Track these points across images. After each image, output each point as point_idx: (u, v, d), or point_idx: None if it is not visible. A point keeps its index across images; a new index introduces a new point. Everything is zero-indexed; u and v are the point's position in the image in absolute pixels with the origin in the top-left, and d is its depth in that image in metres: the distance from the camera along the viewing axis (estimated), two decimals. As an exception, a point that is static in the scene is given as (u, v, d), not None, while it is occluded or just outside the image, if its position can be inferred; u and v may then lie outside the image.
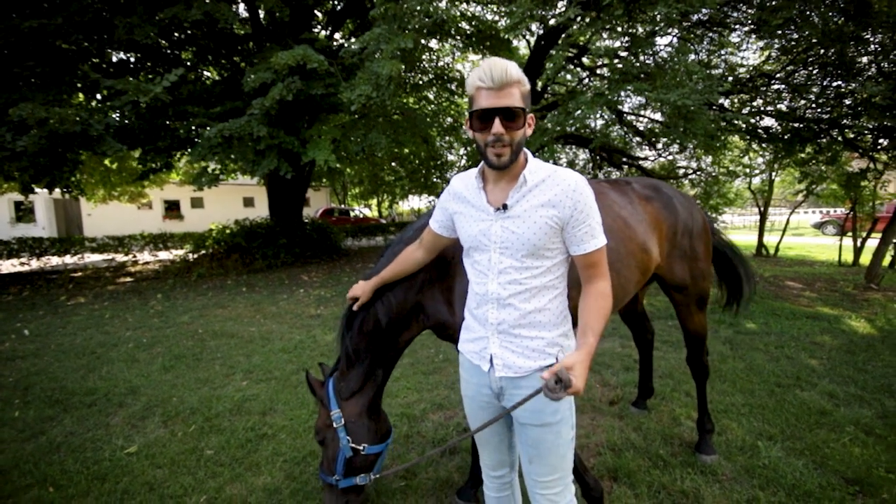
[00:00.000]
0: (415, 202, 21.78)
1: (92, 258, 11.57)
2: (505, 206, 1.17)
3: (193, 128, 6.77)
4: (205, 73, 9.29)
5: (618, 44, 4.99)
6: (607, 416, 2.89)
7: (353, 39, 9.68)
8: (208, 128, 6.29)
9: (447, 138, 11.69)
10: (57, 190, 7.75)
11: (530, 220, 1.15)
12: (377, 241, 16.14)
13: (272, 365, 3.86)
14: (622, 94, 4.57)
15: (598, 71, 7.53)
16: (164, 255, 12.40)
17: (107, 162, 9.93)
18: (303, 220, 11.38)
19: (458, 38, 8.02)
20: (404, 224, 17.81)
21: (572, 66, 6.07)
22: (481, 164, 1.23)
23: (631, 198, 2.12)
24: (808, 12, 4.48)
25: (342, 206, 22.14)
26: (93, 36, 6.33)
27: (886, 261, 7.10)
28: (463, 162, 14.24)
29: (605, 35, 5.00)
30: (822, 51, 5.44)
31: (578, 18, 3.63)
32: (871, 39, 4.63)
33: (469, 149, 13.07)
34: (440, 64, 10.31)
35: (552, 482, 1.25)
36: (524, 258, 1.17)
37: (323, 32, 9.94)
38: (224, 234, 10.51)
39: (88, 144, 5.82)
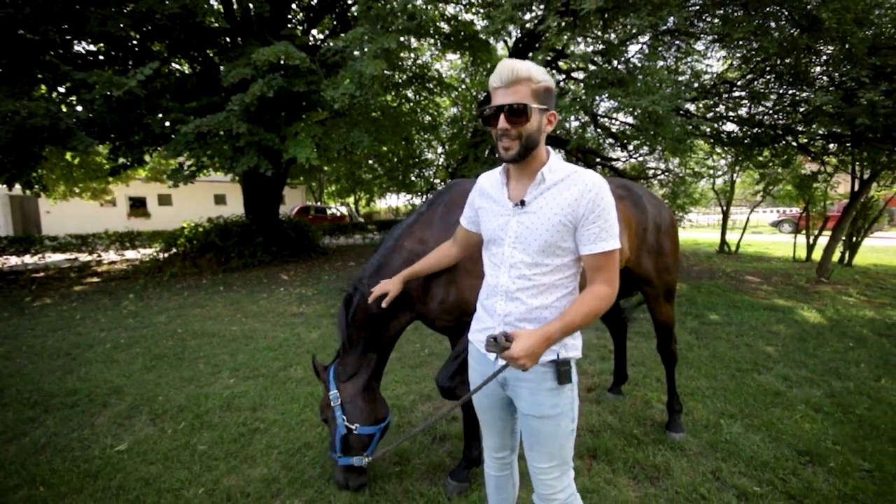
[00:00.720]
0: (392, 200, 21.69)
1: (54, 258, 11.02)
2: (523, 202, 1.21)
3: (168, 123, 6.58)
4: (177, 66, 9.01)
5: (591, 49, 5.22)
6: (585, 402, 3.08)
7: (331, 36, 9.63)
8: (185, 123, 6.14)
9: (426, 136, 11.75)
10: (17, 186, 7.38)
11: (545, 216, 1.18)
12: (355, 239, 16.05)
13: (258, 363, 3.87)
14: (597, 98, 4.79)
15: (574, 74, 7.79)
16: (131, 254, 11.94)
17: (68, 156, 9.49)
18: (280, 219, 11.22)
19: (437, 37, 8.11)
20: (385, 223, 17.74)
21: (549, 70, 6.29)
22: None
23: None
24: (766, 24, 4.83)
25: (318, 203, 21.83)
26: (62, 26, 6.06)
27: (836, 256, 7.67)
28: (441, 161, 14.37)
29: (580, 41, 5.23)
30: (779, 61, 5.86)
31: (556, 25, 3.80)
32: (823, 51, 5.04)
33: (447, 147, 13.21)
34: (419, 62, 10.38)
35: (549, 469, 1.30)
36: (536, 254, 1.20)
37: (299, 28, 9.84)
38: (197, 233, 10.23)
39: (57, 139, 5.58)
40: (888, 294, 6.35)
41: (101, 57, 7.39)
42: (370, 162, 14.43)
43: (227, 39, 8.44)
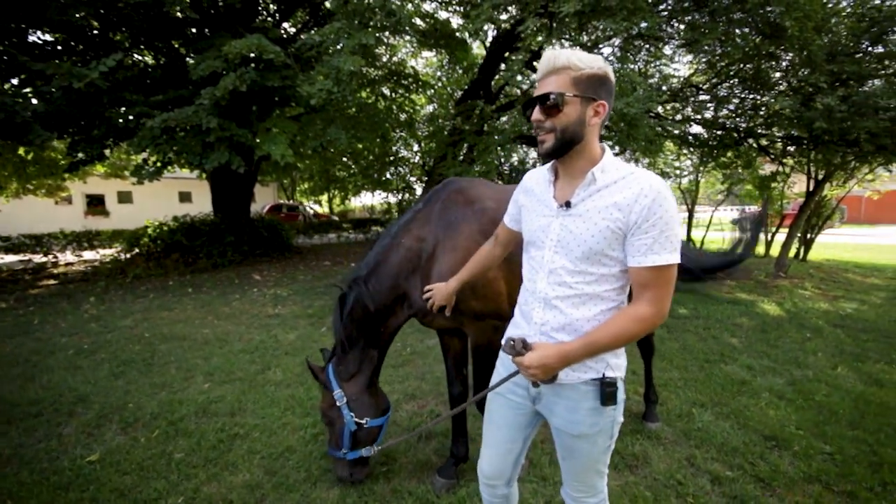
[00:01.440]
0: (367, 199, 21.43)
1: (6, 259, 10.30)
2: (569, 204, 1.10)
3: (132, 116, 6.25)
4: (140, 58, 8.57)
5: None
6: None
7: (304, 31, 9.40)
8: (150, 117, 5.85)
9: (402, 134, 11.68)
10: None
11: (591, 221, 1.07)
12: (330, 238, 15.77)
13: (234, 366, 3.75)
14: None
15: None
16: (89, 255, 11.30)
17: (21, 152, 8.88)
18: (251, 217, 10.89)
19: (414, 35, 8.07)
20: (361, 222, 17.50)
21: (525, 70, 6.36)
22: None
23: None
24: (731, 31, 5.07)
25: (290, 201, 21.32)
26: (17, 14, 5.64)
27: (792, 252, 8.15)
28: (417, 159, 14.31)
29: (556, 44, 5.31)
30: (742, 66, 6.16)
31: (535, 26, 3.86)
32: (783, 57, 5.34)
33: (423, 146, 13.17)
34: (395, 59, 10.29)
35: (580, 482, 1.25)
36: (579, 261, 1.09)
37: (270, 21, 9.55)
38: (162, 232, 9.79)
39: (12, 133, 5.20)
40: (840, 287, 6.80)
41: (59, 47, 6.94)
42: (344, 159, 14.22)
43: (195, 31, 8.10)
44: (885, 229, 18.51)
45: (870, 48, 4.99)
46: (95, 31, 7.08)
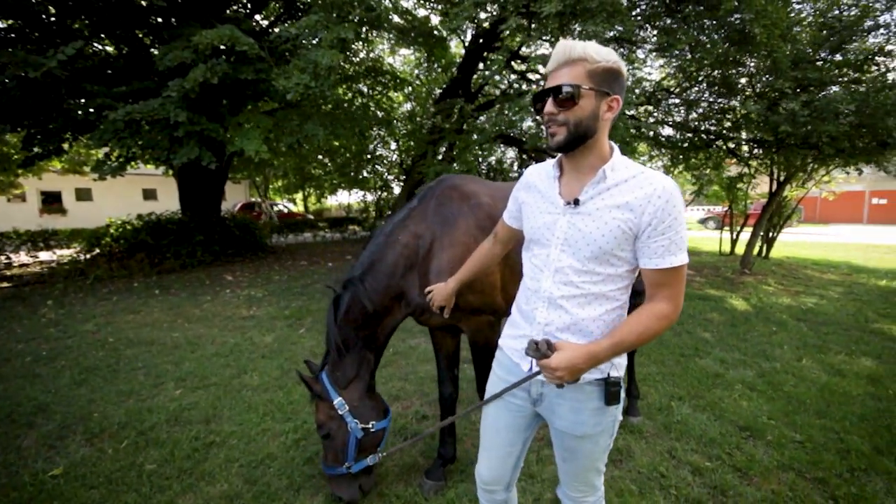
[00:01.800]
0: (343, 197, 21.08)
1: (-50, 261, 9.54)
2: (577, 201, 1.07)
3: (93, 109, 5.88)
4: (101, 47, 8.09)
5: (548, 52, 5.41)
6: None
7: (277, 23, 9.13)
8: (113, 109, 5.53)
9: (380, 132, 11.53)
10: None
11: (601, 220, 1.04)
12: (305, 237, 15.43)
13: (207, 371, 3.59)
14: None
15: (528, 76, 8.02)
16: (45, 255, 10.62)
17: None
18: (222, 216, 10.51)
19: (392, 31, 7.97)
20: (337, 221, 17.20)
21: (505, 70, 6.39)
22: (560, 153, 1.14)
23: None
24: (701, 38, 5.25)
25: (263, 200, 20.71)
26: None
27: (756, 250, 8.53)
28: (395, 157, 14.19)
29: (534, 46, 5.36)
30: (711, 72, 6.40)
31: (516, 25, 3.88)
32: (749, 64, 5.58)
33: (401, 144, 13.07)
34: (372, 56, 10.15)
35: (581, 482, 1.25)
36: (587, 261, 1.07)
37: (242, 12, 9.23)
38: (125, 231, 9.31)
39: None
40: (801, 283, 7.17)
41: (13, 35, 6.45)
42: (320, 157, 13.94)
43: (160, 20, 7.73)
44: (837, 228, 19.70)
45: (830, 56, 5.29)
46: (53, 18, 6.64)
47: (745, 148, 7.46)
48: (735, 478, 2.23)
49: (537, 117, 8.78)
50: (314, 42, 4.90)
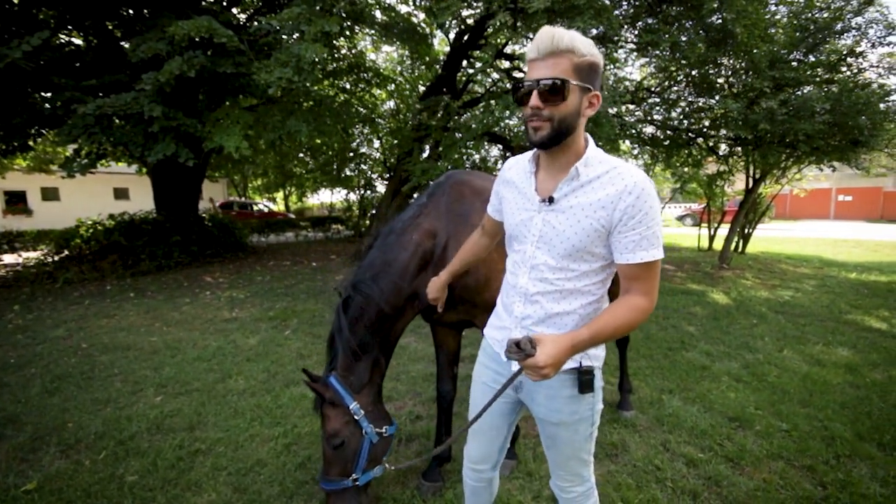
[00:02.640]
0: (326, 196, 20.76)
1: None
2: (552, 199, 1.07)
3: (60, 102, 5.58)
4: (69, 39, 7.70)
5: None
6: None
7: (256, 16, 8.88)
8: (83, 103, 5.26)
9: (363, 130, 11.37)
10: None
11: (575, 218, 1.05)
12: (287, 237, 15.12)
13: (189, 376, 3.46)
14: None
15: (514, 73, 8.03)
16: (10, 258, 10.10)
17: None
18: (200, 215, 10.18)
19: (375, 27, 7.85)
20: (320, 220, 16.90)
21: (489, 68, 6.36)
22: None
23: None
24: (681, 40, 5.35)
25: (243, 198, 20.22)
26: None
27: (732, 245, 8.78)
28: (377, 155, 14.03)
29: (517, 41, 5.36)
30: (690, 71, 6.54)
31: (505, 21, 3.86)
32: (728, 64, 5.73)
33: (384, 141, 12.93)
34: (354, 52, 9.99)
35: (565, 471, 1.28)
36: (561, 258, 1.08)
37: (217, 6, 8.94)
38: (96, 232, 8.92)
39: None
40: (777, 277, 7.41)
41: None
42: (301, 155, 13.67)
43: (131, 11, 7.41)
44: (806, 224, 20.51)
45: (804, 57, 5.46)
46: (16, 8, 6.27)
47: (723, 146, 7.66)
48: (727, 468, 2.26)
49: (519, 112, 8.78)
50: (296, 35, 4.76)
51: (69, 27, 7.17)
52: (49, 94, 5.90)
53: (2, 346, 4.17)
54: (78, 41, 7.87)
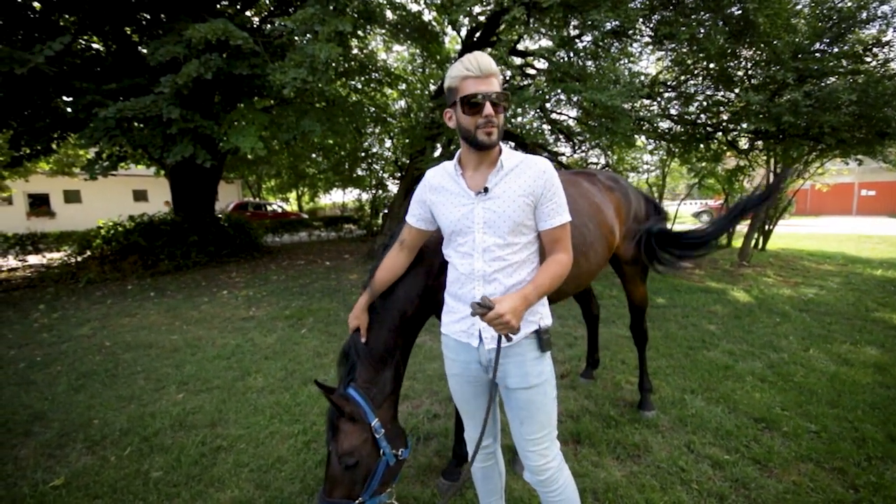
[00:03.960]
0: (338, 196, 20.90)
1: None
2: (486, 189, 1.28)
3: (82, 106, 5.71)
4: (89, 44, 7.88)
5: (550, 44, 5.34)
6: (561, 389, 3.14)
7: (270, 18, 8.97)
8: (103, 107, 5.37)
9: (375, 129, 11.40)
10: None
11: (509, 199, 1.26)
12: (301, 237, 15.26)
13: (209, 374, 3.51)
14: (557, 92, 4.92)
15: (527, 70, 7.95)
16: (34, 259, 10.40)
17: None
18: (216, 216, 10.35)
19: (386, 26, 7.86)
20: (333, 220, 17.01)
21: (504, 65, 6.31)
22: (457, 155, 1.36)
23: (599, 187, 2.34)
24: (699, 32, 5.22)
25: (257, 199, 20.47)
26: None
27: (752, 242, 8.57)
28: (389, 154, 14.07)
29: (537, 37, 5.31)
30: (707, 64, 6.39)
31: (520, 16, 3.82)
32: (747, 56, 5.57)
33: (396, 140, 12.96)
34: (365, 52, 10.02)
35: (541, 438, 1.37)
36: (507, 235, 1.28)
37: (231, 10, 9.05)
38: (117, 233, 9.12)
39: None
40: (799, 274, 7.21)
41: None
42: (314, 155, 13.78)
43: (148, 16, 7.54)
44: (828, 220, 19.95)
45: (828, 47, 5.29)
46: (37, 14, 6.43)
47: (744, 141, 7.47)
48: (755, 470, 2.20)
49: (540, 111, 8.77)
50: (310, 36, 4.79)
51: (89, 32, 7.33)
52: (71, 99, 6.04)
53: (28, 344, 4.29)
54: (98, 46, 8.05)
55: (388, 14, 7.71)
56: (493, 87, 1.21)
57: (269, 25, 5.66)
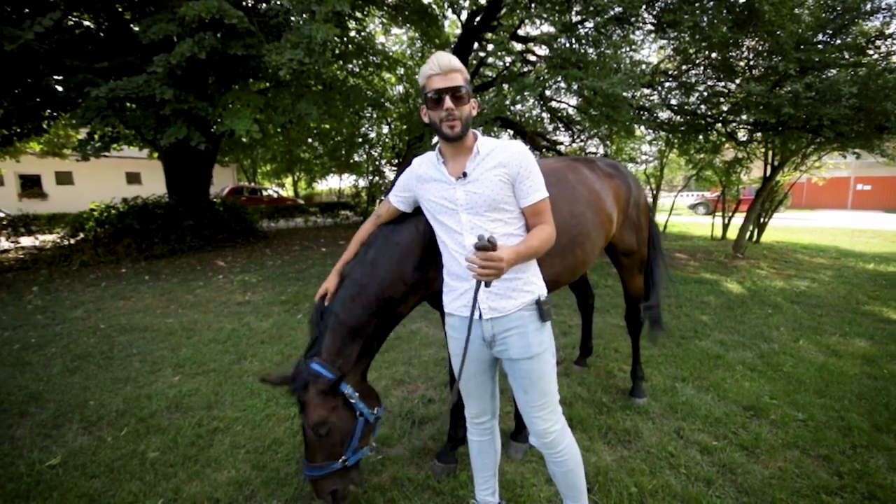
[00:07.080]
0: (334, 182, 20.73)
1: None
2: (465, 175, 1.38)
3: (73, 85, 5.57)
4: (80, 20, 7.67)
5: (551, 29, 5.26)
6: (556, 376, 3.18)
7: (262, 1, 8.76)
8: (95, 86, 5.25)
9: (372, 114, 11.26)
10: None
11: (487, 181, 1.36)
12: (296, 222, 15.18)
13: (205, 357, 3.52)
14: (558, 79, 4.86)
15: (528, 57, 7.85)
16: (26, 241, 10.28)
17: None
18: (211, 200, 10.25)
19: (385, 8, 7.70)
20: (329, 205, 16.89)
21: (504, 51, 6.22)
22: (439, 145, 1.47)
23: (598, 174, 2.33)
24: (708, 15, 5.14)
25: (252, 184, 20.27)
26: None
27: (747, 235, 8.62)
28: (387, 140, 13.94)
29: (538, 21, 5.22)
30: (709, 54, 6.32)
31: (517, 1, 3.75)
32: (749, 45, 5.51)
33: (394, 126, 12.82)
34: (363, 34, 9.83)
35: (544, 404, 1.46)
36: (487, 213, 1.38)
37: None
38: (110, 215, 9.02)
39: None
40: (792, 267, 7.28)
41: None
42: (310, 140, 13.61)
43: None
44: (823, 213, 20.07)
45: (831, 39, 5.24)
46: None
47: (743, 132, 7.45)
48: (742, 456, 2.25)
49: (540, 99, 8.69)
50: (306, 16, 4.68)
51: (80, 9, 7.13)
52: (62, 77, 5.89)
53: (23, 326, 4.27)
54: (89, 23, 7.84)
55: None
56: (455, 82, 1.30)
57: (264, 4, 5.51)
